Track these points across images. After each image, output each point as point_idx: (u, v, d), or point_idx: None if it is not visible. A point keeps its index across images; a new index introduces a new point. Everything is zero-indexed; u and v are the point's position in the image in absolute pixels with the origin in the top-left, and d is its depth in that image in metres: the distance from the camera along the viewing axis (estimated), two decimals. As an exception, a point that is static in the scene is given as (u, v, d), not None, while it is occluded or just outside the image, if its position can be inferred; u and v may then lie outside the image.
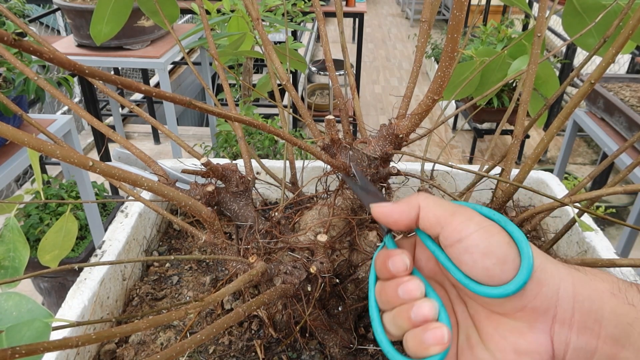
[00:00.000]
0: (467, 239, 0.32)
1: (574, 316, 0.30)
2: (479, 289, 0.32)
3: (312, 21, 3.09)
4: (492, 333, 0.33)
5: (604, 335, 0.30)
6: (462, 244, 0.32)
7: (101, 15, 0.68)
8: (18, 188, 2.76)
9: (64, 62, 0.26)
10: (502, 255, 0.31)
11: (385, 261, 0.35)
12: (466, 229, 0.32)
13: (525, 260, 0.30)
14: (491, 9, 4.87)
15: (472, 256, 0.31)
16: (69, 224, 0.54)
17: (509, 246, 0.31)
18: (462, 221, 0.32)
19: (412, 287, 0.34)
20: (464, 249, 0.32)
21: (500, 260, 0.31)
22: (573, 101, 0.46)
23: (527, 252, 0.31)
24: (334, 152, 0.49)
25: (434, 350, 0.32)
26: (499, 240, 0.31)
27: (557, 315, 0.31)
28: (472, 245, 0.31)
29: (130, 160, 0.78)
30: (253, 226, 0.56)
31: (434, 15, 0.51)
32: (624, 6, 0.57)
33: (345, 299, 0.57)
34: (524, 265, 0.30)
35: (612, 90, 1.75)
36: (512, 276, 0.31)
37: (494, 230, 0.32)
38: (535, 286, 0.31)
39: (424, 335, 0.32)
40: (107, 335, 0.28)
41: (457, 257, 0.32)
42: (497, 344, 0.32)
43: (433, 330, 0.32)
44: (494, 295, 0.31)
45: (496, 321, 0.33)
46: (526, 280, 0.30)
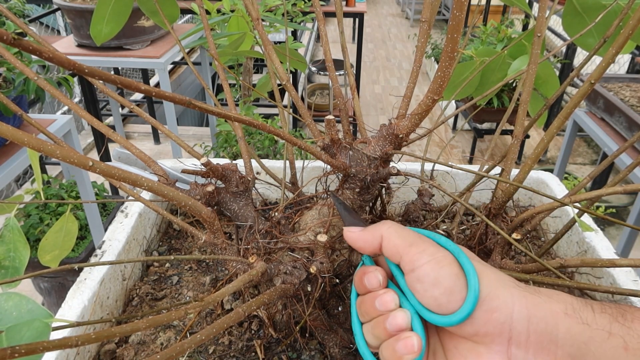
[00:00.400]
0: (420, 269, 0.34)
1: (529, 338, 0.32)
2: (429, 317, 0.34)
3: (312, 21, 3.09)
4: (454, 352, 0.35)
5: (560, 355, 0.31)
6: (415, 273, 0.34)
7: (101, 15, 0.68)
8: (18, 188, 2.76)
9: (64, 62, 0.26)
10: (450, 286, 0.33)
11: (362, 277, 0.38)
12: (419, 259, 0.34)
13: (471, 292, 0.32)
14: (491, 9, 4.87)
15: (422, 285, 0.34)
16: (69, 224, 0.54)
17: (457, 278, 0.33)
18: (417, 252, 0.34)
19: (387, 298, 0.36)
20: (416, 278, 0.34)
21: (447, 291, 0.33)
22: (573, 101, 0.46)
23: (474, 284, 0.32)
24: (334, 152, 0.49)
25: (406, 359, 0.34)
26: (448, 271, 0.33)
27: (513, 338, 0.32)
28: (423, 275, 0.34)
29: (130, 160, 0.78)
30: (253, 226, 0.56)
31: (434, 15, 0.51)
32: (624, 6, 0.57)
33: (345, 299, 0.57)
34: (469, 297, 0.32)
35: (612, 90, 1.75)
36: (457, 307, 0.32)
37: (444, 262, 0.34)
38: (485, 314, 0.32)
39: (397, 344, 0.34)
40: (107, 335, 0.28)
41: (412, 285, 0.35)
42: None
43: (405, 340, 0.34)
44: (441, 323, 0.33)
45: (457, 341, 0.35)
46: (471, 310, 0.32)
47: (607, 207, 2.44)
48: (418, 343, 0.34)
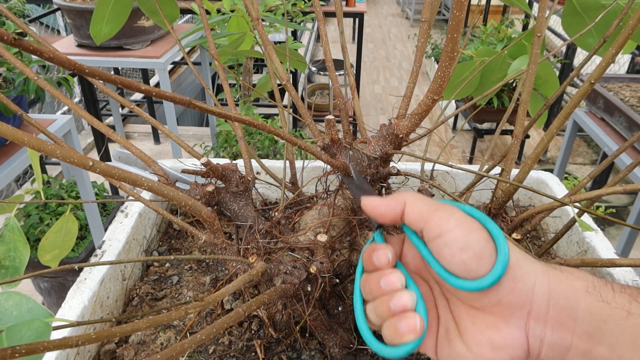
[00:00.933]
0: (447, 234, 0.33)
1: (549, 312, 0.31)
2: (456, 282, 0.33)
3: (312, 21, 3.09)
4: (469, 327, 0.34)
5: (578, 332, 0.31)
6: (442, 238, 0.33)
7: (101, 15, 0.68)
8: (18, 188, 2.76)
9: (64, 62, 0.26)
10: (479, 250, 0.32)
11: (371, 254, 0.37)
12: (447, 224, 0.33)
13: (501, 256, 0.32)
14: (491, 9, 4.87)
15: (450, 250, 0.33)
16: (69, 224, 0.54)
17: (486, 242, 0.33)
18: (444, 217, 0.34)
19: (393, 279, 0.35)
20: (443, 243, 0.33)
21: (477, 255, 0.32)
22: (573, 101, 0.46)
23: (503, 248, 0.32)
24: (334, 152, 0.49)
25: (407, 338, 0.33)
26: (477, 236, 0.33)
27: (532, 312, 0.32)
28: (451, 240, 0.33)
29: (130, 160, 0.78)
30: (253, 226, 0.56)
31: (434, 15, 0.51)
32: (624, 6, 0.57)
33: (345, 299, 0.57)
34: (499, 261, 0.32)
35: (612, 90, 1.75)
36: (487, 270, 0.32)
37: (473, 227, 0.33)
38: (511, 282, 0.32)
39: (399, 323, 0.34)
40: (107, 335, 0.28)
41: (437, 251, 0.34)
42: (474, 338, 0.34)
43: (407, 320, 0.34)
44: (469, 288, 0.32)
45: (474, 316, 0.34)
46: (501, 274, 0.31)
47: (607, 207, 2.44)
48: (420, 323, 0.34)
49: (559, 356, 0.32)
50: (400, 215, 0.36)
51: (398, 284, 0.35)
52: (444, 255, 0.33)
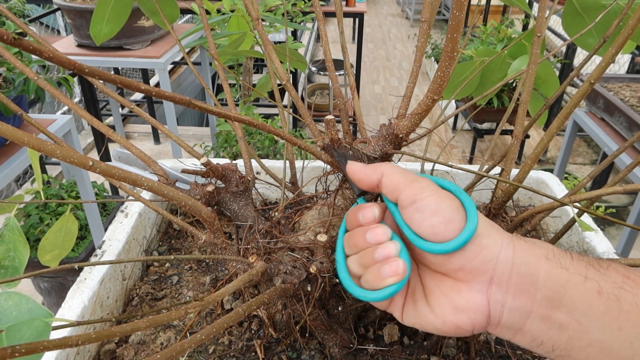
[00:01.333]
0: (421, 201, 0.35)
1: (511, 279, 0.33)
2: (424, 245, 0.35)
3: (312, 21, 3.09)
4: (434, 290, 0.36)
5: (539, 298, 0.32)
6: (415, 204, 0.35)
7: (101, 15, 0.68)
8: (18, 188, 2.76)
9: (64, 62, 0.26)
10: (449, 216, 0.34)
11: (356, 212, 0.39)
12: (421, 193, 0.35)
13: (470, 223, 0.33)
14: (491, 9, 4.87)
15: (422, 214, 0.35)
16: (69, 224, 0.54)
17: (457, 211, 0.34)
18: (419, 187, 0.36)
19: (379, 231, 0.37)
20: (416, 208, 0.35)
21: (446, 220, 0.34)
22: (573, 101, 0.46)
23: (473, 217, 0.34)
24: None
25: (389, 281, 0.35)
26: (449, 204, 0.35)
27: (495, 278, 0.33)
28: (423, 206, 0.35)
29: (130, 160, 0.78)
30: (253, 226, 0.56)
31: (434, 15, 0.51)
32: (624, 6, 0.57)
33: (345, 299, 0.57)
34: (467, 227, 0.33)
35: (612, 90, 1.75)
36: (454, 235, 0.33)
37: (446, 196, 0.35)
38: (476, 248, 0.33)
39: (382, 267, 0.36)
40: (107, 335, 0.28)
41: (410, 217, 0.36)
42: (437, 300, 0.35)
43: (390, 263, 0.36)
44: (435, 250, 0.34)
45: (439, 279, 0.36)
46: (467, 239, 0.33)
47: (607, 207, 2.44)
48: (403, 266, 0.35)
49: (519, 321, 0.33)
50: (377, 184, 0.38)
51: (384, 236, 0.37)
52: (414, 219, 0.35)
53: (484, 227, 0.34)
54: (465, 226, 0.34)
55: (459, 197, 0.36)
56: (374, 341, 0.61)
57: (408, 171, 0.38)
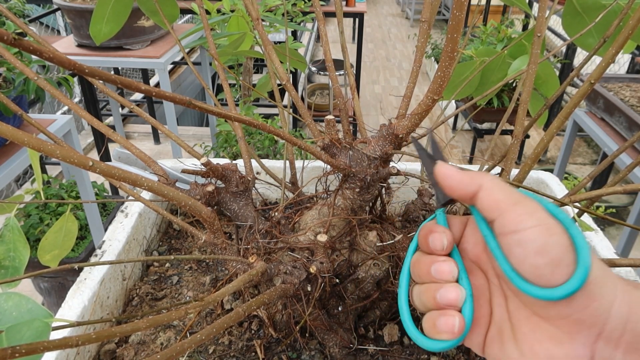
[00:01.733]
0: (524, 232, 0.29)
1: (623, 337, 0.28)
2: (524, 286, 0.30)
3: (312, 21, 3.09)
4: (527, 334, 0.31)
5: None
6: (517, 235, 0.30)
7: (101, 15, 0.68)
8: (18, 188, 2.76)
9: (64, 62, 0.26)
10: (557, 257, 0.29)
11: (427, 235, 0.34)
12: (525, 221, 0.30)
13: (581, 268, 0.28)
14: (491, 9, 4.87)
15: (524, 250, 0.29)
16: (69, 224, 0.54)
17: (566, 250, 0.29)
18: (523, 212, 0.30)
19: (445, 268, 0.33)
20: (517, 241, 0.30)
21: (553, 262, 0.29)
22: (573, 101, 0.46)
23: (585, 260, 0.28)
24: (334, 152, 0.49)
25: (444, 336, 0.32)
26: (557, 241, 0.29)
27: (604, 333, 0.29)
28: (527, 240, 0.29)
29: (130, 160, 0.78)
30: (253, 226, 0.56)
31: (434, 15, 0.51)
32: (624, 6, 0.57)
33: (345, 299, 0.57)
34: (578, 273, 0.28)
35: (612, 90, 1.75)
36: (562, 281, 0.28)
37: (554, 230, 0.29)
38: (586, 299, 0.29)
39: (439, 319, 0.32)
40: (107, 335, 0.28)
41: (509, 248, 0.30)
42: (530, 347, 0.31)
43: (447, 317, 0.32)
44: (538, 295, 0.29)
45: (535, 324, 0.31)
46: (577, 288, 0.28)
47: (607, 207, 2.44)
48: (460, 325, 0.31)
49: None
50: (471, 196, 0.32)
51: (449, 275, 0.33)
52: (515, 254, 0.30)
53: (597, 273, 0.29)
54: (575, 271, 0.28)
55: (569, 231, 0.30)
56: (374, 341, 0.61)
57: (511, 188, 0.32)
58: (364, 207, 0.54)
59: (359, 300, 0.58)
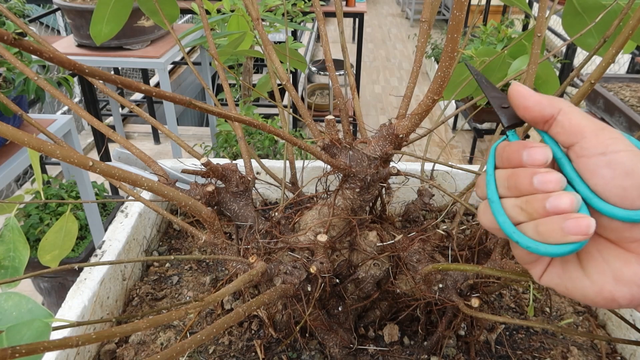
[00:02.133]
0: (613, 154, 0.30)
1: None
2: (605, 207, 0.30)
3: (312, 21, 3.09)
4: (594, 254, 0.32)
5: None
6: (605, 157, 0.30)
7: (101, 15, 0.68)
8: (18, 188, 2.76)
9: (64, 62, 0.26)
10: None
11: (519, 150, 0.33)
12: (615, 144, 0.30)
13: None
14: (491, 9, 4.87)
15: (613, 171, 0.30)
16: (69, 224, 0.54)
17: None
18: (611, 137, 0.30)
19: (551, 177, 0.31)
20: (606, 162, 0.30)
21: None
22: (573, 101, 0.46)
23: None
24: (334, 152, 0.49)
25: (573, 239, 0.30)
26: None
27: None
28: (616, 161, 0.30)
29: (130, 160, 0.78)
30: (253, 226, 0.56)
31: (434, 15, 0.51)
32: (624, 6, 0.57)
33: (345, 299, 0.57)
34: None
35: (612, 90, 1.75)
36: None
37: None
38: None
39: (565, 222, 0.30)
40: (107, 335, 0.28)
41: (594, 169, 0.30)
42: (597, 266, 0.31)
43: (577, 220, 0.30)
44: (622, 217, 0.29)
45: (603, 244, 0.32)
46: None
47: (607, 207, 2.44)
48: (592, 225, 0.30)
49: None
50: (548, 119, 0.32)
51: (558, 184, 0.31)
52: (602, 174, 0.30)
53: None
54: None
55: None
56: (374, 341, 0.61)
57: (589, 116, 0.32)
58: (364, 207, 0.54)
59: (359, 300, 0.58)
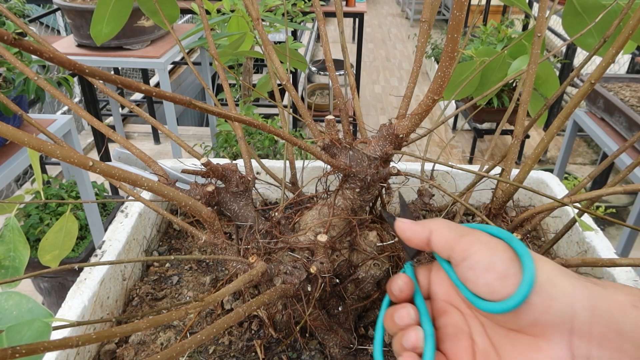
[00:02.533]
0: (472, 257, 0.33)
1: (592, 329, 0.30)
2: (484, 305, 0.32)
3: (312, 21, 3.09)
4: (510, 351, 0.33)
5: (627, 348, 0.29)
6: (466, 262, 0.33)
7: (101, 15, 0.68)
8: (18, 188, 2.76)
9: (64, 62, 0.26)
10: (503, 270, 0.32)
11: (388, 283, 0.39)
12: (471, 247, 0.33)
13: (527, 274, 0.30)
14: (491, 9, 4.87)
15: (475, 272, 0.33)
16: (69, 224, 0.54)
17: (510, 261, 0.32)
18: (469, 241, 0.33)
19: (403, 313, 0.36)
20: (468, 266, 0.33)
21: (501, 275, 0.31)
22: (573, 101, 0.46)
23: (529, 266, 0.31)
24: (334, 152, 0.49)
25: None
26: (501, 256, 0.32)
27: (575, 329, 0.30)
28: (475, 262, 0.33)
29: (130, 160, 0.78)
30: (253, 226, 0.56)
31: (434, 15, 0.51)
32: (624, 6, 0.57)
33: (345, 299, 0.57)
34: (525, 279, 0.30)
35: (612, 90, 1.75)
36: (512, 290, 0.31)
37: (497, 247, 0.33)
38: (545, 300, 0.31)
39: None
40: (107, 335, 0.28)
41: (464, 275, 0.34)
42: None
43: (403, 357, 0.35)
44: (496, 310, 0.31)
45: (513, 338, 0.33)
46: (526, 293, 0.30)
47: (607, 207, 2.44)
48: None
49: None
50: (427, 242, 0.36)
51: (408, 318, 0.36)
52: (469, 278, 0.33)
53: (547, 275, 0.31)
54: (522, 278, 0.31)
55: (511, 245, 0.33)
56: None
57: (458, 225, 0.36)
58: (364, 207, 0.54)
59: (359, 301, 0.58)
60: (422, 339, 0.35)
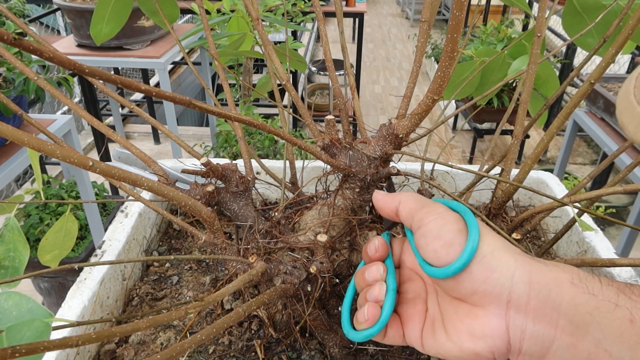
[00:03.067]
0: (426, 226, 0.36)
1: (529, 303, 0.31)
2: (428, 270, 0.35)
3: (312, 21, 3.09)
4: (452, 316, 0.35)
5: (562, 324, 0.30)
6: (421, 230, 0.36)
7: (101, 15, 0.68)
8: (18, 188, 2.76)
9: (64, 62, 0.26)
10: (450, 239, 0.34)
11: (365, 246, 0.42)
12: (427, 217, 0.36)
13: (469, 244, 0.33)
14: (491, 9, 4.87)
15: (425, 239, 0.35)
16: (69, 224, 0.54)
17: (458, 232, 0.34)
18: (427, 212, 0.36)
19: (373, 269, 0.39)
20: (421, 234, 0.36)
21: (447, 243, 0.34)
22: (573, 101, 0.46)
23: (474, 237, 0.33)
24: (334, 152, 0.49)
25: (362, 326, 0.38)
26: (451, 227, 0.35)
27: (512, 301, 0.31)
28: (427, 231, 0.35)
29: (130, 160, 0.78)
30: (253, 226, 0.56)
31: (434, 15, 0.51)
32: (624, 6, 0.57)
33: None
34: (466, 248, 0.33)
35: (612, 90, 1.75)
36: (454, 257, 0.33)
37: (449, 219, 0.35)
38: (484, 270, 0.32)
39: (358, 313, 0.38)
40: (107, 335, 0.28)
41: (417, 243, 0.37)
42: (454, 327, 0.35)
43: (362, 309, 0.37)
44: (438, 275, 0.34)
45: (456, 306, 0.35)
46: (467, 260, 0.32)
47: (607, 207, 2.44)
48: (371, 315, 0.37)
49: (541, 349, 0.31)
50: (396, 211, 0.39)
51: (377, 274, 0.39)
52: (421, 245, 0.36)
53: (491, 248, 0.33)
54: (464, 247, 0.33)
55: (464, 218, 0.36)
56: (374, 341, 0.61)
57: (423, 197, 0.39)
58: (364, 207, 0.54)
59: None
60: (384, 293, 0.38)
